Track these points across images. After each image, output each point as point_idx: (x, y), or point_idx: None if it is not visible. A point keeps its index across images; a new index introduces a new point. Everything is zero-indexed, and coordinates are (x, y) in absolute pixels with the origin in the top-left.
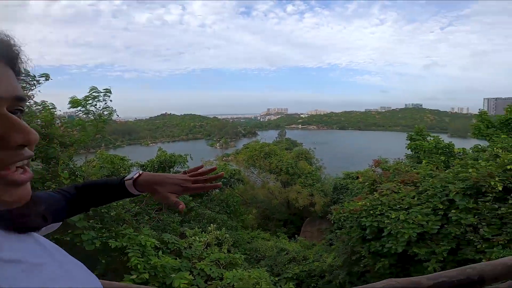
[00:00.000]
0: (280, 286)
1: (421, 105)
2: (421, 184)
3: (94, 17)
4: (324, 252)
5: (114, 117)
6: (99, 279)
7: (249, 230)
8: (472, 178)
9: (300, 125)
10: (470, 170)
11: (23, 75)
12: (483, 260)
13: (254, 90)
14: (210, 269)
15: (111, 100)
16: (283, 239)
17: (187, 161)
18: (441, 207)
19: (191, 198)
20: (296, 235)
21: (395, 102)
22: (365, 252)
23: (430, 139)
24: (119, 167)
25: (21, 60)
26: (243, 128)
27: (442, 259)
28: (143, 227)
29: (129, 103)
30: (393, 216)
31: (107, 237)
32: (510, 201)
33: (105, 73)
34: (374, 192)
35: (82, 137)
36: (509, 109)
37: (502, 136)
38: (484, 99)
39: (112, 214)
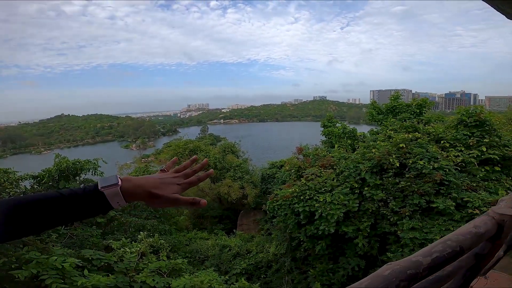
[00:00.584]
0: (233, 283)
1: (325, 97)
2: (337, 166)
3: None
4: (265, 242)
5: None
6: None
7: (184, 232)
8: (376, 157)
9: (222, 120)
10: (373, 150)
11: None
12: (398, 232)
13: (172, 86)
14: (153, 280)
15: None
16: (222, 236)
17: (99, 166)
18: (356, 186)
19: None
20: (234, 230)
21: (305, 95)
22: (303, 237)
23: (339, 125)
24: (3, 181)
25: None
26: (162, 126)
27: (366, 234)
28: (53, 246)
29: (9, 105)
30: (321, 199)
31: (4, 263)
32: (406, 175)
33: None
34: (301, 178)
35: None
36: (392, 98)
37: (391, 120)
38: (370, 91)
39: None
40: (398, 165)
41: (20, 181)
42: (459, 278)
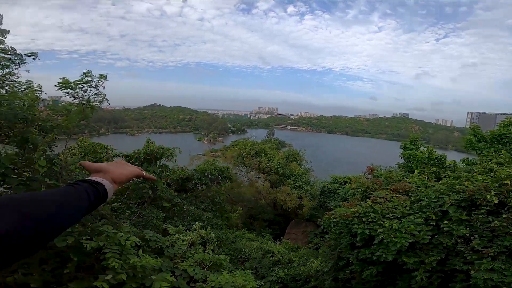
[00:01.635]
0: None
1: (407, 115)
2: (413, 193)
3: (93, 4)
4: (310, 256)
5: (105, 105)
6: (71, 278)
7: (234, 229)
8: (468, 191)
9: (289, 126)
10: (466, 183)
11: (9, 53)
12: (471, 272)
13: (246, 87)
14: (194, 270)
15: (104, 87)
16: (268, 240)
17: (176, 155)
18: (433, 218)
19: (176, 193)
20: (281, 237)
21: (383, 110)
22: (353, 259)
23: (424, 149)
24: (101, 156)
25: None
26: (233, 125)
27: (430, 268)
28: (123, 223)
29: (118, 91)
30: (386, 225)
31: (80, 233)
32: (504, 215)
33: (97, 60)
34: (367, 200)
35: (65, 123)
36: (502, 125)
37: (503, 151)
38: (468, 112)
39: None
40: (496, 202)
41: (114, 157)
42: None
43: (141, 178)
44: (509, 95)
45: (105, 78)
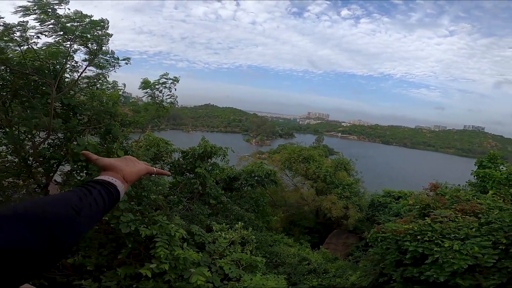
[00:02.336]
0: None
1: (483, 128)
2: (483, 215)
3: (159, 7)
4: (349, 269)
5: (175, 105)
6: (120, 263)
7: (273, 232)
8: None
9: (340, 134)
10: None
11: (108, 55)
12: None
13: (297, 91)
14: (229, 268)
15: (175, 89)
16: (306, 248)
17: (227, 154)
18: (504, 242)
19: (223, 191)
20: (320, 245)
21: (452, 122)
22: (397, 277)
23: (503, 168)
24: (163, 150)
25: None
26: (281, 129)
27: None
28: (175, 215)
29: (177, 90)
30: (446, 245)
31: (140, 221)
32: None
33: (161, 60)
34: (426, 217)
35: (141, 119)
36: None
37: None
38: None
39: (152, 197)
40: None
41: (173, 152)
42: None
43: (154, 175)
44: None
45: (177, 81)
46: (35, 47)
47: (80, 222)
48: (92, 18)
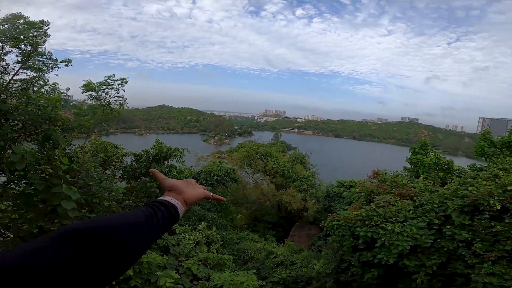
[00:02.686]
0: None
1: (417, 120)
2: (417, 198)
3: (106, 5)
4: (313, 258)
5: (124, 107)
6: None
7: (238, 230)
8: (471, 196)
9: (296, 129)
10: (470, 188)
11: (45, 56)
12: (471, 275)
13: (253, 89)
14: (197, 268)
15: (124, 90)
16: (271, 242)
17: (184, 155)
18: (436, 222)
19: None
20: (284, 239)
21: (391, 115)
22: (355, 261)
23: (432, 154)
24: (112, 155)
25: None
26: (239, 127)
27: (431, 272)
28: None
29: (127, 92)
30: (388, 228)
31: None
32: (506, 220)
33: (108, 60)
34: (371, 203)
35: (86, 123)
36: None
37: (508, 158)
38: (479, 118)
39: (106, 204)
40: (499, 207)
41: (124, 157)
42: None
43: (210, 199)
44: None
45: (126, 82)
46: None
47: (145, 237)
48: (29, 19)
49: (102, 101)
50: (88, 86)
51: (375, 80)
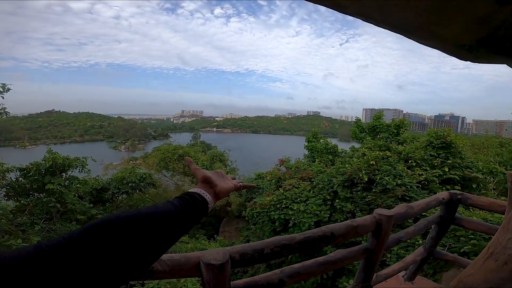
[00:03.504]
0: None
1: (319, 113)
2: (314, 179)
3: None
4: None
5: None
6: None
7: None
8: (348, 172)
9: (215, 128)
10: (347, 165)
11: None
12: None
13: (168, 90)
14: None
15: (3, 97)
16: (202, 241)
17: (87, 164)
18: (329, 198)
19: (91, 205)
20: (215, 235)
21: (299, 109)
22: None
23: (322, 141)
24: None
25: None
26: (154, 130)
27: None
28: (33, 238)
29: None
30: (295, 208)
31: None
32: (373, 190)
33: None
34: (280, 188)
35: None
36: (374, 118)
37: (368, 138)
38: (363, 109)
39: None
40: (366, 180)
41: (6, 172)
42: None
43: (241, 190)
44: (391, 92)
45: (7, 90)
46: None
47: (174, 230)
48: None
49: None
50: None
51: (285, 78)
